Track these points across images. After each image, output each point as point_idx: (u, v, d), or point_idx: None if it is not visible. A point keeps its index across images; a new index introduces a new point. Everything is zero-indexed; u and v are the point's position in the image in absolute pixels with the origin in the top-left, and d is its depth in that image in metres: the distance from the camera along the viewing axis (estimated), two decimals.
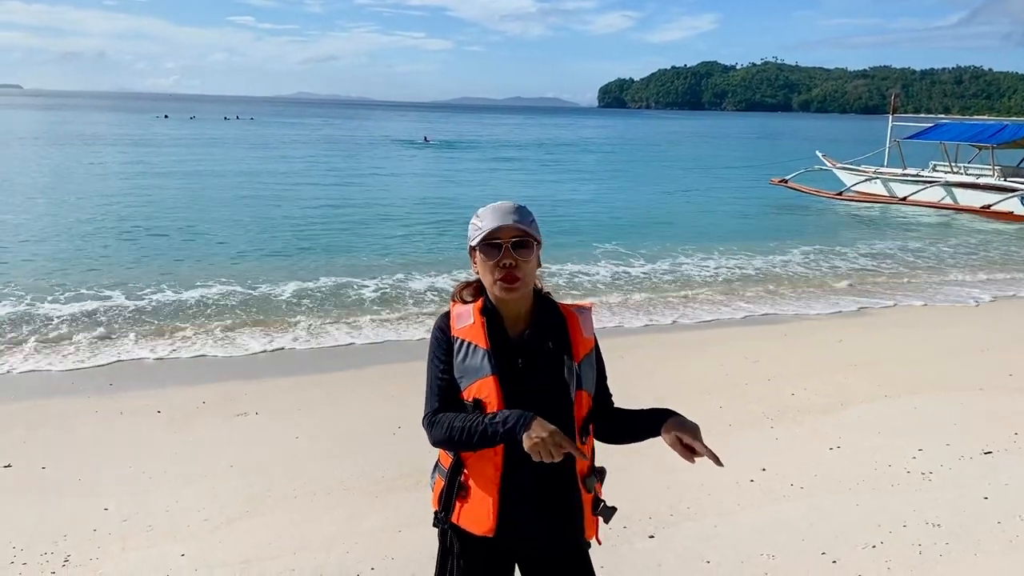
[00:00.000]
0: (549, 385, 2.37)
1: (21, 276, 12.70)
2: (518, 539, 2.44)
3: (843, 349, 9.46)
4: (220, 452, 6.10)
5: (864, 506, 5.15)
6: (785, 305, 12.19)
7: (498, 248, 2.31)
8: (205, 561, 4.43)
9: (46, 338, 9.42)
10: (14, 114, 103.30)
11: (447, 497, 2.44)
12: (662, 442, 2.41)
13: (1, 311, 10.47)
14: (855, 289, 13.54)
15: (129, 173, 30.91)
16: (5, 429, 6.64)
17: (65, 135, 57.29)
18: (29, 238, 16.30)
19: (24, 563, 4.41)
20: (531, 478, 2.37)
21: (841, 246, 17.75)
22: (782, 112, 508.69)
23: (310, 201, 23.83)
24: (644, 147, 68.59)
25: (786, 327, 10.84)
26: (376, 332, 10.10)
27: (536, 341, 2.39)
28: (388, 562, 4.41)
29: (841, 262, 15.97)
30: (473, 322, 2.39)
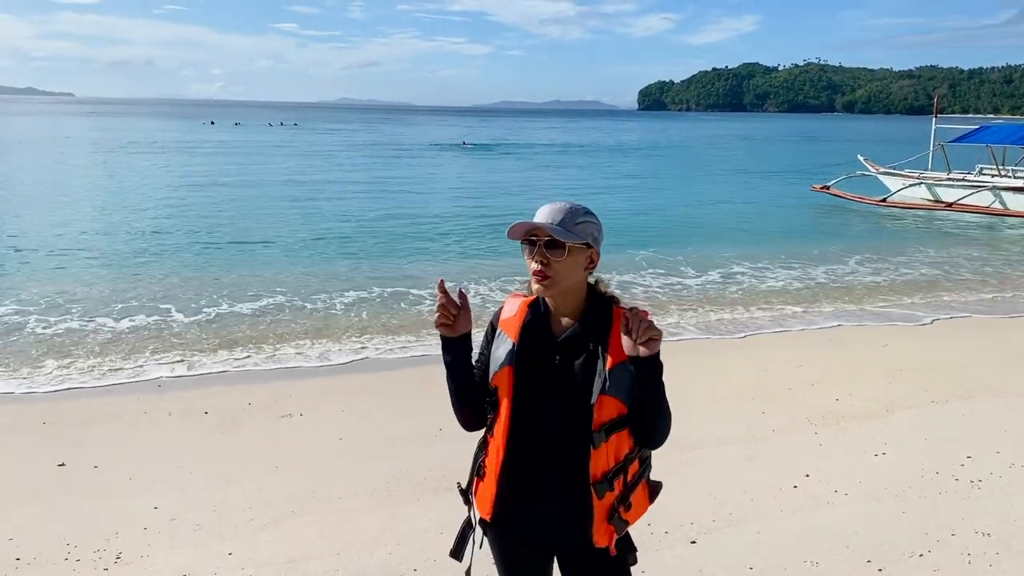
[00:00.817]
0: (580, 387, 2.33)
1: (75, 282, 13.03)
2: (523, 527, 2.47)
3: (889, 354, 9.31)
4: (266, 453, 6.20)
5: (911, 514, 5.07)
6: (828, 312, 12.03)
7: (532, 246, 2.34)
8: (252, 560, 4.52)
9: (94, 346, 9.61)
10: (68, 121, 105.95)
11: (471, 473, 2.57)
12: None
13: (56, 316, 10.74)
14: (898, 296, 13.31)
15: (178, 182, 31.51)
16: (59, 428, 6.83)
17: (116, 141, 58.67)
18: (83, 245, 16.70)
19: (78, 559, 4.53)
20: (540, 471, 2.40)
21: (886, 254, 17.38)
22: (825, 113, 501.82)
23: (356, 207, 24.02)
24: (684, 150, 68.12)
25: (829, 332, 10.70)
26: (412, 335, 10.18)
27: (577, 339, 2.38)
28: (431, 564, 4.45)
29: (887, 269, 15.69)
30: (515, 314, 2.45)
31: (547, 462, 2.39)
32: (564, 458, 2.37)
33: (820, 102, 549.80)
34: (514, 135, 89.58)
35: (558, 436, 2.36)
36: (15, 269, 13.87)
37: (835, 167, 32.09)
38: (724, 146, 77.46)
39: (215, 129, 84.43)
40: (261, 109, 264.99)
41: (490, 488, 2.46)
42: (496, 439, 2.42)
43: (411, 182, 32.98)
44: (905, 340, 10.11)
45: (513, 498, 2.43)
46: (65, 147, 51.02)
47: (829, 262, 16.08)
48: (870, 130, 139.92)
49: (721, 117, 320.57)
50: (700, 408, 7.04)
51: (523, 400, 2.36)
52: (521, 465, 2.40)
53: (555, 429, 2.36)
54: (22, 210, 21.66)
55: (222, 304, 11.47)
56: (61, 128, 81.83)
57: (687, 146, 75.73)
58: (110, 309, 11.05)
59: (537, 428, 2.37)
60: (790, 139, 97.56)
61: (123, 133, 73.73)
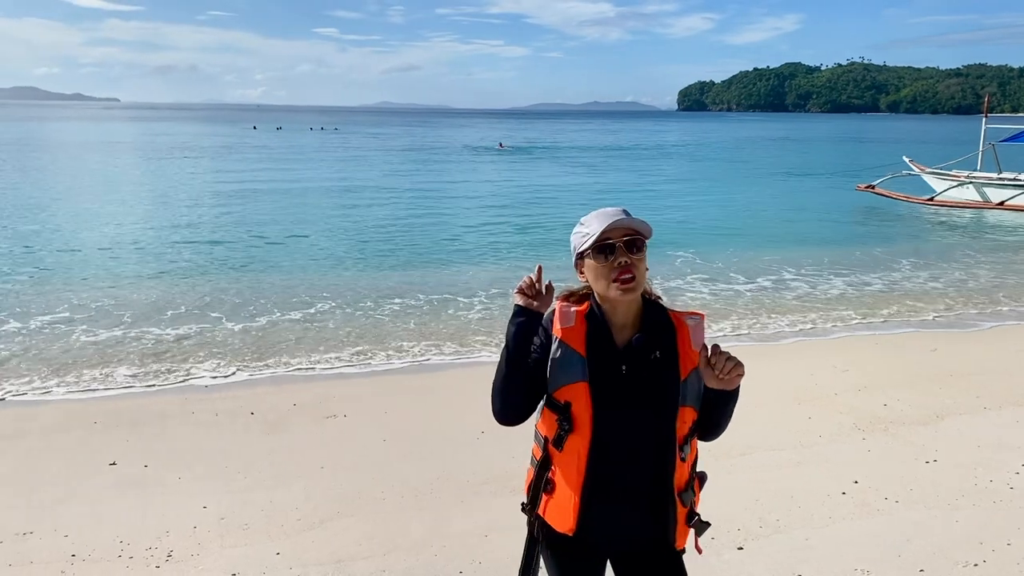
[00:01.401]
0: (650, 397, 2.35)
1: (125, 287, 13.30)
2: (602, 539, 2.47)
3: (938, 359, 9.13)
4: (311, 453, 6.27)
5: (964, 523, 4.96)
6: (874, 316, 11.83)
7: (611, 249, 2.30)
8: (299, 560, 4.57)
9: (142, 351, 9.79)
10: (114, 126, 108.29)
11: (534, 490, 2.50)
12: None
13: (106, 322, 10.98)
14: (949, 299, 13.04)
15: (222, 187, 31.99)
16: (110, 428, 6.98)
17: (162, 146, 59.82)
18: (133, 250, 17.05)
19: (131, 557, 4.62)
20: (619, 482, 2.39)
21: (934, 257, 17.07)
22: (869, 113, 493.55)
23: (397, 212, 24.07)
24: (725, 151, 67.45)
25: (877, 337, 10.53)
26: (456, 338, 10.21)
27: (643, 349, 2.37)
28: (476, 566, 4.47)
29: (935, 273, 15.38)
30: (575, 325, 2.39)
31: (626, 472, 2.38)
32: (644, 467, 2.38)
33: (864, 102, 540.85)
34: (552, 137, 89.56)
35: (637, 446, 2.36)
36: (67, 273, 14.18)
37: (879, 168, 31.43)
38: (766, 147, 76.57)
39: (258, 134, 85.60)
40: (302, 113, 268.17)
41: (568, 502, 2.40)
42: (575, 453, 2.36)
43: (450, 186, 33.07)
44: (955, 345, 9.90)
45: (595, 510, 2.39)
46: (112, 152, 52.14)
47: (877, 265, 15.82)
48: (916, 130, 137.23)
49: (762, 118, 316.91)
50: (746, 414, 6.90)
51: (601, 413, 2.33)
52: (602, 476, 2.37)
53: (636, 441, 2.36)
54: (74, 214, 22.13)
55: (270, 310, 11.53)
56: (108, 133, 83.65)
57: (728, 147, 74.99)
58: (159, 315, 11.21)
59: (615, 439, 2.35)
60: (833, 140, 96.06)
61: (169, 137, 75.16)
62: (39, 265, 14.72)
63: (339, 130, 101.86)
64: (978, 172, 27.09)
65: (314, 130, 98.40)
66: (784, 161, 54.73)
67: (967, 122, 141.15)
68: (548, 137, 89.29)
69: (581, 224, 2.42)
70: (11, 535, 4.87)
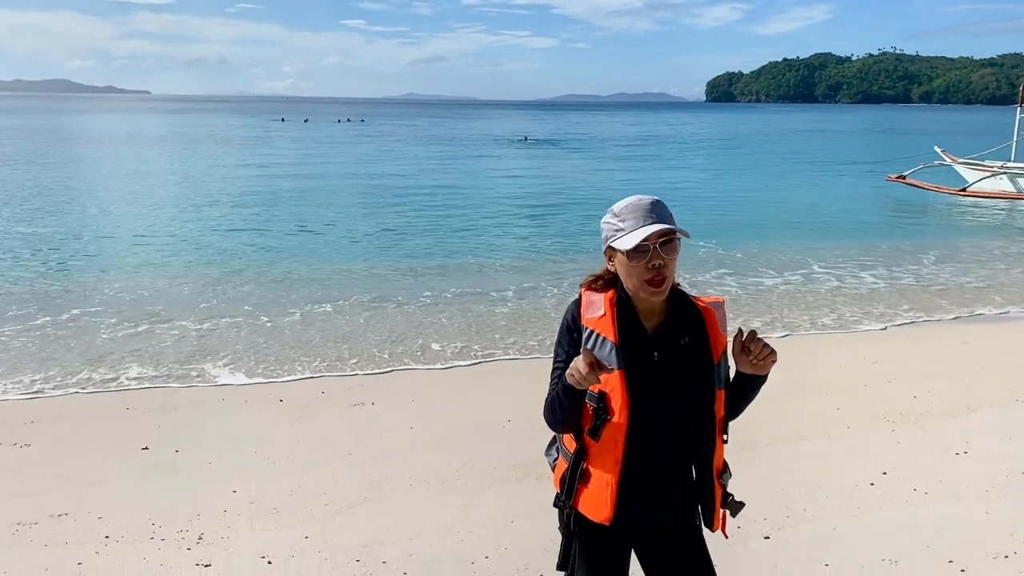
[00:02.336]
0: (685, 380, 2.37)
1: (159, 280, 13.49)
2: (637, 527, 2.49)
3: (969, 351, 9.02)
4: (339, 440, 6.33)
5: (995, 514, 4.91)
6: (906, 307, 11.69)
7: (646, 250, 2.29)
8: (328, 544, 4.63)
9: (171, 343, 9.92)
10: (146, 117, 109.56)
11: (570, 481, 2.48)
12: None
13: (138, 315, 11.13)
14: (981, 292, 12.85)
15: (253, 179, 32.23)
16: (142, 414, 7.10)
17: (194, 137, 60.38)
18: (167, 243, 17.26)
19: (163, 539, 4.71)
20: (654, 467, 2.41)
21: (966, 248, 16.83)
22: (901, 104, 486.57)
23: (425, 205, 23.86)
24: (755, 142, 66.87)
25: (907, 329, 10.43)
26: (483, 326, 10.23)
27: (672, 335, 2.39)
28: (502, 552, 4.49)
29: (967, 264, 15.15)
30: (604, 313, 2.39)
31: (662, 458, 2.40)
32: (679, 452, 2.42)
33: (896, 93, 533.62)
34: (579, 129, 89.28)
35: (672, 432, 2.39)
36: (99, 265, 14.35)
37: (911, 159, 31.00)
38: (796, 138, 75.77)
39: (285, 126, 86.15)
40: (330, 105, 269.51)
41: (605, 491, 2.41)
42: (612, 442, 2.37)
43: (476, 179, 32.94)
44: (986, 337, 9.77)
45: (631, 498, 2.41)
46: (145, 143, 52.72)
47: (907, 257, 15.62)
48: (948, 121, 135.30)
49: (792, 108, 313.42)
50: (774, 404, 6.88)
51: (636, 403, 2.34)
52: (637, 464, 2.39)
53: (671, 425, 2.38)
54: (106, 206, 22.44)
55: (300, 303, 11.46)
56: (141, 125, 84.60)
57: (758, 138, 74.34)
58: (191, 307, 11.24)
59: (651, 426, 2.36)
60: (864, 131, 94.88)
61: (199, 129, 75.91)
62: (71, 256, 14.92)
63: (365, 122, 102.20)
64: (1012, 163, 26.63)
65: (341, 122, 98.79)
66: (814, 152, 54.13)
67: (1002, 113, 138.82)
68: (574, 129, 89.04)
69: (613, 213, 2.39)
70: (46, 516, 4.98)
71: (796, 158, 47.90)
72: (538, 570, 4.22)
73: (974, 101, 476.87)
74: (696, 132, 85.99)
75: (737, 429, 2.75)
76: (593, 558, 2.55)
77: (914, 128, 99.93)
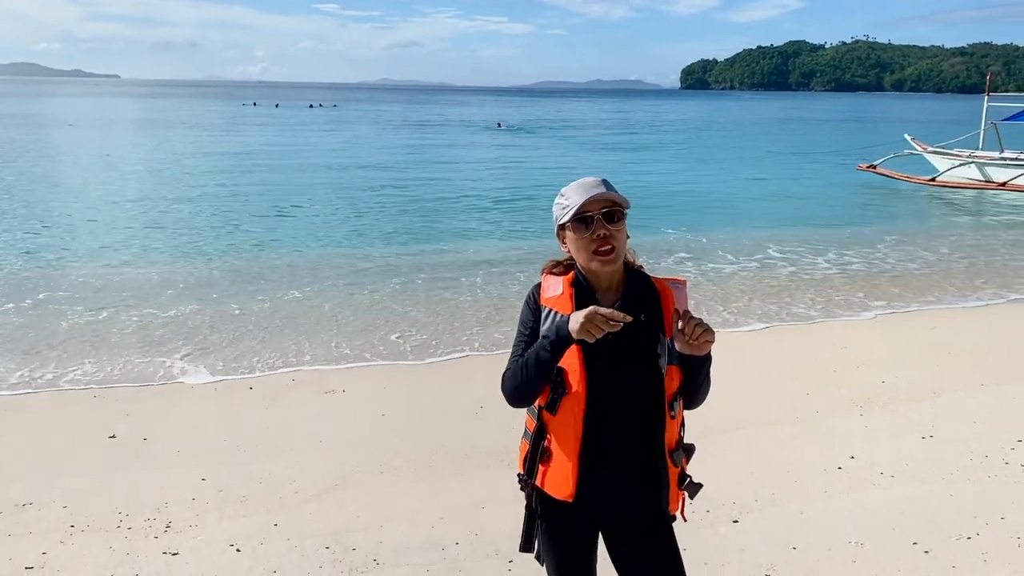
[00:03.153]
0: (639, 358, 2.39)
1: (125, 266, 13.30)
2: (599, 505, 2.49)
3: (936, 337, 9.14)
4: (309, 427, 6.30)
5: (959, 497, 4.99)
6: (874, 294, 11.82)
7: (589, 221, 2.34)
8: (297, 531, 4.60)
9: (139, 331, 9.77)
10: (115, 102, 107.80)
11: (531, 461, 2.50)
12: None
13: (104, 301, 10.99)
14: (946, 277, 13.02)
15: (220, 163, 31.88)
16: (110, 402, 7.01)
17: (164, 123, 59.51)
18: (136, 228, 17.03)
19: (129, 528, 4.65)
20: (613, 444, 2.42)
21: (936, 236, 16.99)
22: (873, 92, 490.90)
23: (395, 191, 23.89)
24: (726, 130, 67.19)
25: (877, 315, 10.53)
26: (455, 312, 10.21)
27: (628, 313, 2.38)
28: (472, 537, 4.50)
29: (936, 252, 15.32)
30: (562, 292, 2.44)
31: (618, 435, 2.42)
32: (634, 429, 2.42)
33: (868, 81, 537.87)
34: (553, 115, 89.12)
35: (627, 409, 2.40)
36: (64, 250, 14.14)
37: (882, 147, 31.27)
38: (768, 126, 76.24)
39: (257, 110, 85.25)
40: (303, 90, 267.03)
41: (566, 467, 2.42)
42: (571, 417, 2.39)
43: (447, 165, 32.77)
44: (954, 324, 9.91)
45: (591, 474, 2.42)
46: (114, 128, 51.93)
47: (876, 245, 15.77)
48: (920, 109, 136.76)
49: (765, 96, 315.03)
50: (743, 389, 6.97)
51: (593, 377, 2.36)
52: (596, 441, 2.40)
53: (627, 402, 2.40)
54: (76, 192, 22.08)
55: (268, 289, 11.42)
56: (110, 109, 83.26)
57: (730, 126, 74.67)
58: (158, 293, 11.13)
59: (606, 403, 2.38)
60: (836, 119, 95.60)
61: (170, 113, 74.92)
62: (37, 242, 14.68)
63: (337, 107, 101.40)
64: (980, 151, 26.97)
65: (313, 107, 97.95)
66: (786, 140, 54.47)
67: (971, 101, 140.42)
68: (550, 115, 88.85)
69: (561, 195, 2.45)
70: (10, 506, 4.90)
71: (768, 146, 48.19)
72: (509, 555, 4.23)
73: (945, 90, 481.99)
74: (671, 119, 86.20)
75: (708, 413, 2.77)
76: (559, 540, 2.56)
77: (886, 116, 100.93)
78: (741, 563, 4.24)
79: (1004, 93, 30.43)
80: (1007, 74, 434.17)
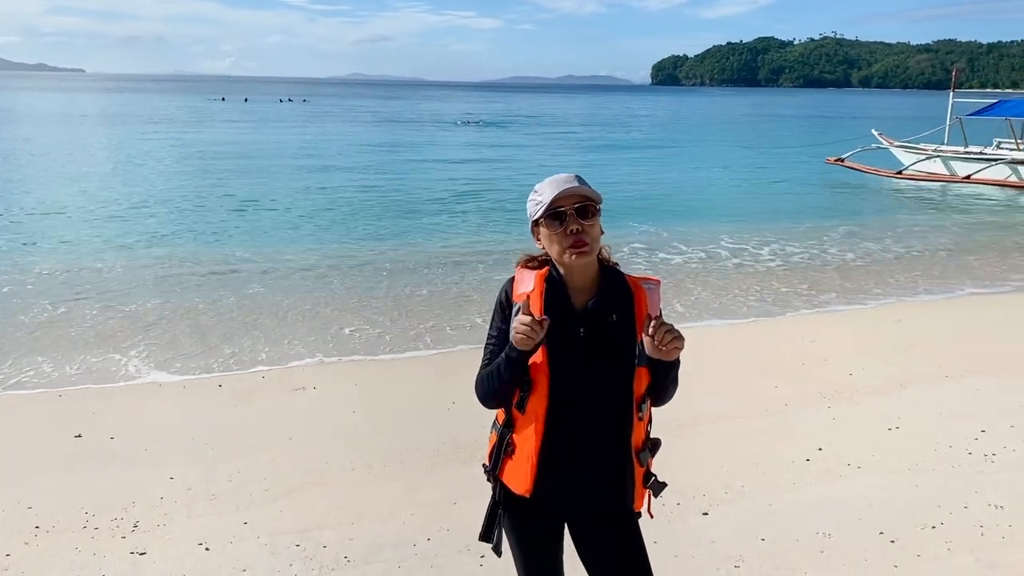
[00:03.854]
0: (609, 358, 2.39)
1: (89, 261, 13.11)
2: (564, 501, 2.50)
3: (902, 330, 9.27)
4: (280, 425, 6.25)
5: (924, 487, 5.07)
6: (841, 287, 11.97)
7: (563, 216, 2.34)
8: (267, 529, 4.57)
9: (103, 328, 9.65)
10: (79, 96, 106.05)
11: (496, 453, 2.52)
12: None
13: (66, 297, 10.82)
14: (913, 271, 13.22)
15: (187, 160, 31.49)
16: (76, 401, 6.91)
17: (130, 118, 58.64)
18: (100, 223, 16.77)
19: (96, 528, 4.59)
20: (579, 442, 2.42)
21: (901, 229, 17.27)
22: (841, 88, 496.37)
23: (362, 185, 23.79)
24: (695, 125, 67.61)
25: (844, 309, 10.67)
26: (427, 308, 10.19)
27: (600, 311, 2.41)
28: (444, 533, 4.49)
29: (902, 245, 15.55)
30: (533, 288, 2.42)
31: (584, 433, 2.42)
32: (602, 428, 2.42)
33: (836, 77, 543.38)
34: (522, 111, 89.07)
35: (596, 408, 2.40)
36: (27, 245, 13.91)
37: (850, 142, 31.69)
38: (737, 121, 76.81)
39: (226, 105, 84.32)
40: (272, 85, 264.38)
41: (526, 464, 2.43)
42: (533, 414, 2.40)
43: (414, 161, 32.64)
44: (920, 316, 10.05)
45: (553, 471, 2.42)
46: (80, 124, 51.10)
47: (842, 238, 15.98)
48: (886, 105, 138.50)
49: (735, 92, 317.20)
50: (712, 383, 7.03)
51: (558, 375, 2.36)
52: (559, 438, 2.41)
53: (593, 401, 2.40)
54: (37, 187, 21.70)
55: (234, 284, 11.36)
56: (75, 104, 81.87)
57: (699, 121, 75.13)
58: (123, 288, 11.04)
59: (574, 401, 2.38)
60: (805, 115, 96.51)
61: (135, 108, 73.79)
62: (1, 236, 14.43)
63: (308, 101, 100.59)
64: (945, 146, 27.45)
65: (283, 102, 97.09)
66: (755, 135, 54.92)
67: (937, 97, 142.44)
68: (519, 111, 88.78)
69: (535, 192, 2.45)
70: None
71: (739, 140, 48.56)
72: (480, 551, 4.23)
73: (911, 86, 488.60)
74: (641, 114, 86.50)
75: (677, 408, 2.78)
76: (524, 534, 2.58)
77: (854, 112, 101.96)
78: (711, 555, 4.28)
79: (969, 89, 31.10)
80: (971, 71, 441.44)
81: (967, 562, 4.18)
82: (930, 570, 4.12)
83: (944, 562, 4.19)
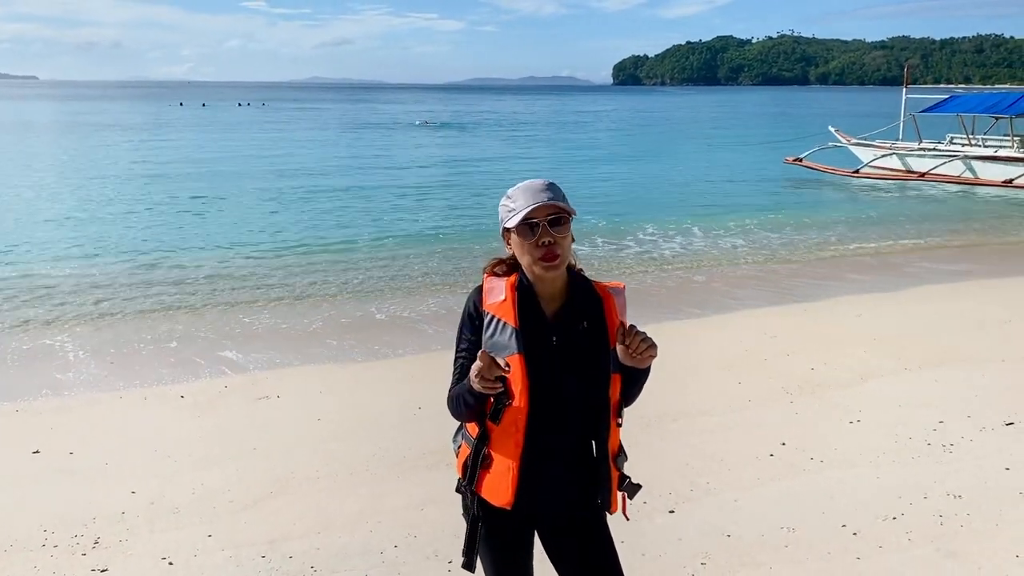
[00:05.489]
0: (582, 365, 2.39)
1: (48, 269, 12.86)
2: (539, 508, 2.49)
3: (863, 324, 9.41)
4: (243, 435, 6.17)
5: (884, 478, 5.15)
6: (802, 283, 12.14)
7: (535, 227, 2.32)
8: (232, 541, 4.51)
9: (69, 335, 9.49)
10: (32, 105, 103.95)
11: (472, 466, 2.48)
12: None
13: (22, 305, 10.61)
14: (872, 266, 13.45)
15: (144, 166, 31.04)
16: (33, 415, 6.76)
17: (85, 125, 57.58)
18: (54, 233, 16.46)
19: (55, 545, 4.50)
20: (557, 451, 2.42)
21: (860, 225, 17.56)
22: (799, 85, 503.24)
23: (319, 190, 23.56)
24: (656, 125, 68.10)
25: (805, 303, 10.80)
26: (392, 314, 10.14)
27: (571, 320, 2.40)
28: (411, 540, 4.47)
29: (860, 241, 15.81)
30: (504, 298, 2.41)
31: (562, 442, 2.42)
32: (580, 436, 2.43)
33: (794, 74, 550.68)
34: (483, 112, 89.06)
35: (573, 416, 2.40)
36: None
37: (809, 139, 32.20)
38: (697, 120, 77.53)
39: (183, 110, 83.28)
40: (231, 89, 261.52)
41: (506, 476, 2.41)
42: (512, 426, 2.38)
43: (373, 162, 32.49)
44: (879, 310, 10.20)
45: (531, 481, 2.41)
46: (31, 132, 50.08)
47: (804, 234, 16.21)
48: (844, 101, 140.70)
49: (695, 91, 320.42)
50: (676, 380, 7.08)
51: (535, 385, 2.35)
52: (537, 448, 2.39)
53: (572, 409, 2.39)
54: None
55: (193, 293, 11.25)
56: (25, 112, 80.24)
57: (659, 120, 75.69)
58: (83, 295, 10.90)
59: (551, 410, 2.37)
60: (764, 112, 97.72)
61: (90, 116, 72.47)
62: None
63: (266, 105, 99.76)
64: (900, 142, 27.91)
65: (242, 106, 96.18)
66: (716, 134, 55.49)
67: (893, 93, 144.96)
68: (480, 112, 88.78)
69: (508, 197, 2.42)
70: None
71: (699, 139, 49.02)
72: (448, 556, 4.22)
73: (867, 82, 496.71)
74: (602, 115, 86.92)
75: (643, 407, 2.80)
76: (496, 542, 2.56)
77: (812, 109, 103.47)
78: (678, 552, 4.30)
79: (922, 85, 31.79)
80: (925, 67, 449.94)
81: (927, 552, 4.26)
82: (892, 561, 4.19)
83: (905, 552, 4.26)
